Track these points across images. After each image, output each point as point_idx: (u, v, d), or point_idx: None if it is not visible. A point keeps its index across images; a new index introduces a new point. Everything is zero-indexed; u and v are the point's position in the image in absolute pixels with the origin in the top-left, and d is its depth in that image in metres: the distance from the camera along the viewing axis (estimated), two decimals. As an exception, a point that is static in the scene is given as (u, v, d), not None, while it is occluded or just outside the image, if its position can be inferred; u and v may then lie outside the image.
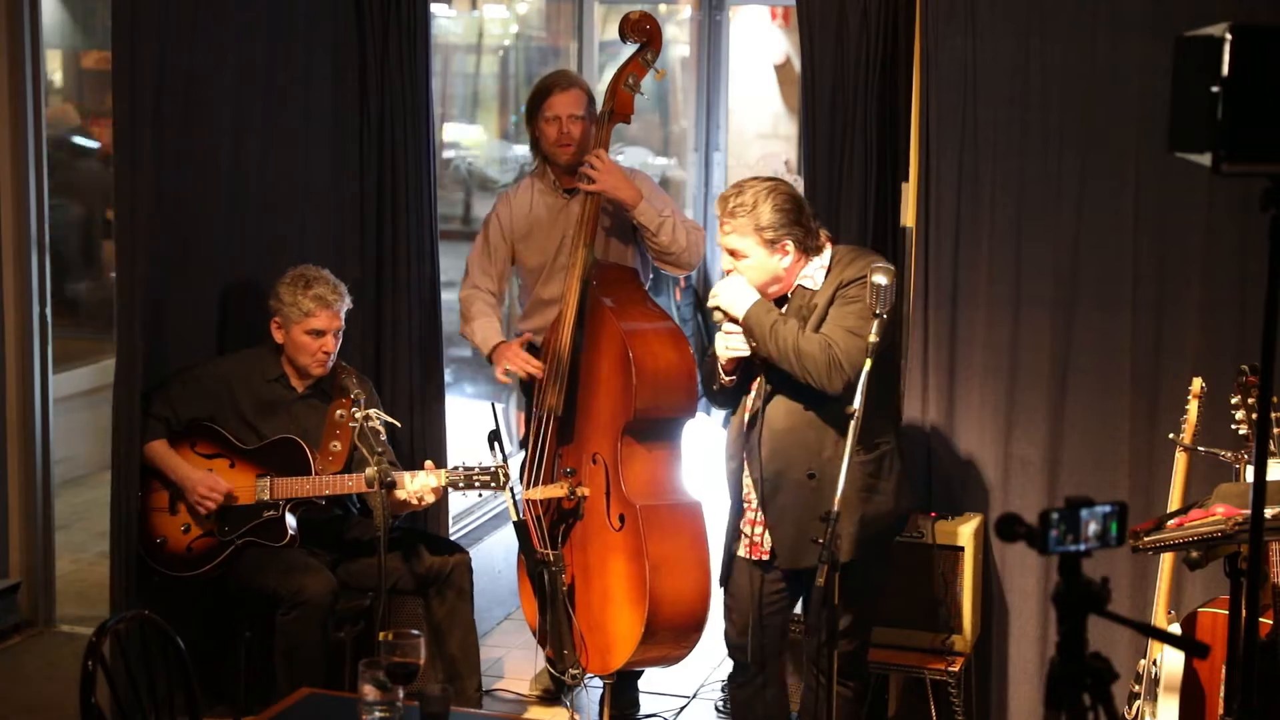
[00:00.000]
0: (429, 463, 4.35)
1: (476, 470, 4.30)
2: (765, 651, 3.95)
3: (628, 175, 4.64)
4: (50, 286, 5.24)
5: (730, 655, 4.06)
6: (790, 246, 3.72)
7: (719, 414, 7.04)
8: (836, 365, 3.64)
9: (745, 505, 3.90)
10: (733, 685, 4.10)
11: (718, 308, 3.78)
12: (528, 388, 4.77)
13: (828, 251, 3.79)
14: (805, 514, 3.73)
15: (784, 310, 3.76)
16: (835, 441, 3.70)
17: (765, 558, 3.87)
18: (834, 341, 3.66)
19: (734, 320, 3.76)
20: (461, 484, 4.31)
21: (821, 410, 3.74)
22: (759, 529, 3.87)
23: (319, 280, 4.38)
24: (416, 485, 4.23)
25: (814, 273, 3.77)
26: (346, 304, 4.42)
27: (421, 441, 4.96)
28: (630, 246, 4.74)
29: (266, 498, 4.32)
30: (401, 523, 4.45)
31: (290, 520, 4.35)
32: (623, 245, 4.74)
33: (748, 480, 3.87)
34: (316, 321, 4.34)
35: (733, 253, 3.76)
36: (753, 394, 3.84)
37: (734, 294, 3.76)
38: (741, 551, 3.92)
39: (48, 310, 5.24)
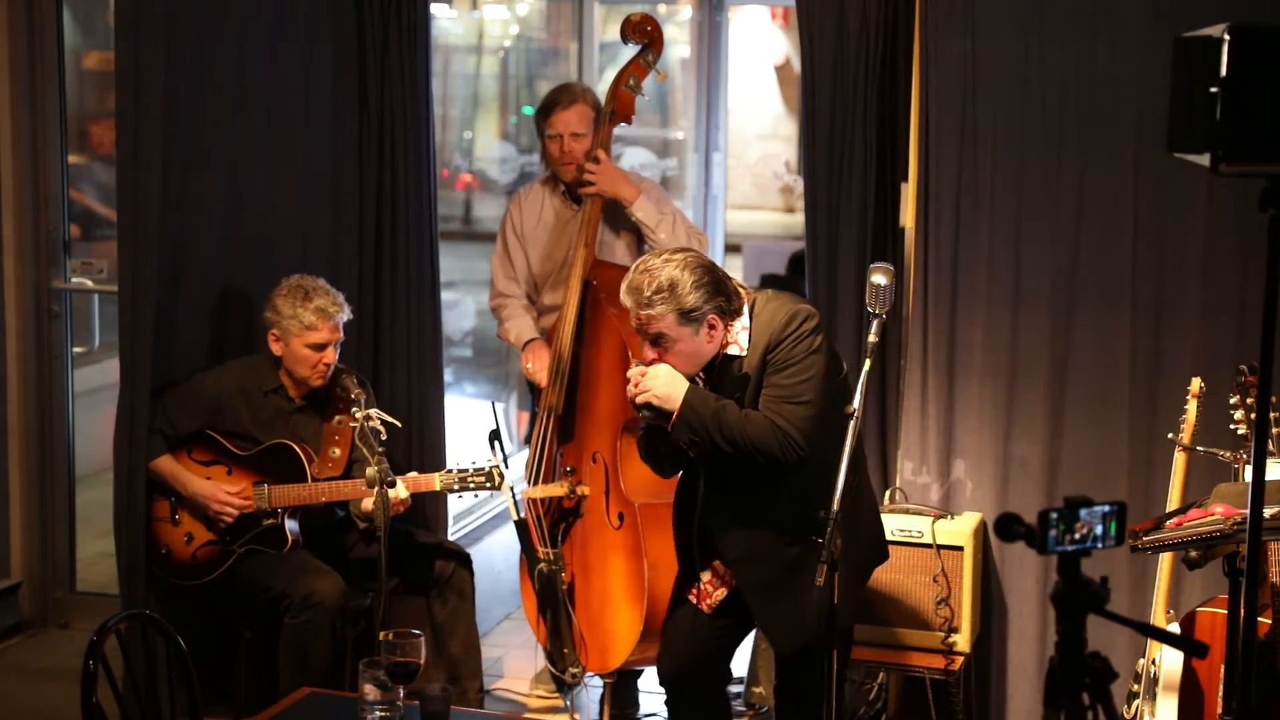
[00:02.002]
0: (413, 474, 4.35)
1: (470, 472, 4.30)
2: (703, 688, 3.78)
3: (629, 175, 4.66)
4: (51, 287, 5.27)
5: (662, 684, 3.86)
6: (716, 320, 3.41)
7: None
8: (790, 445, 3.38)
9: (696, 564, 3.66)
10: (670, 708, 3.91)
11: (649, 404, 3.41)
12: (535, 386, 4.78)
13: (745, 307, 3.48)
14: (796, 587, 3.47)
15: (708, 381, 3.46)
16: (794, 504, 3.45)
17: (710, 611, 3.67)
18: (777, 418, 3.38)
19: (662, 415, 3.40)
20: (456, 486, 4.30)
21: (776, 481, 3.48)
22: (711, 586, 3.66)
23: (318, 291, 4.34)
24: (403, 491, 4.22)
25: (737, 336, 3.46)
26: (346, 314, 4.40)
27: (421, 441, 4.96)
28: (632, 247, 4.75)
29: (265, 506, 4.32)
30: (401, 524, 4.44)
31: (291, 525, 4.35)
32: (624, 246, 4.75)
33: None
34: (318, 335, 4.32)
35: (656, 341, 3.40)
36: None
37: (667, 387, 3.39)
38: (691, 597, 3.70)
39: (54, 308, 5.26)
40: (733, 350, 3.46)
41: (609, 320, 4.48)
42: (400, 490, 4.21)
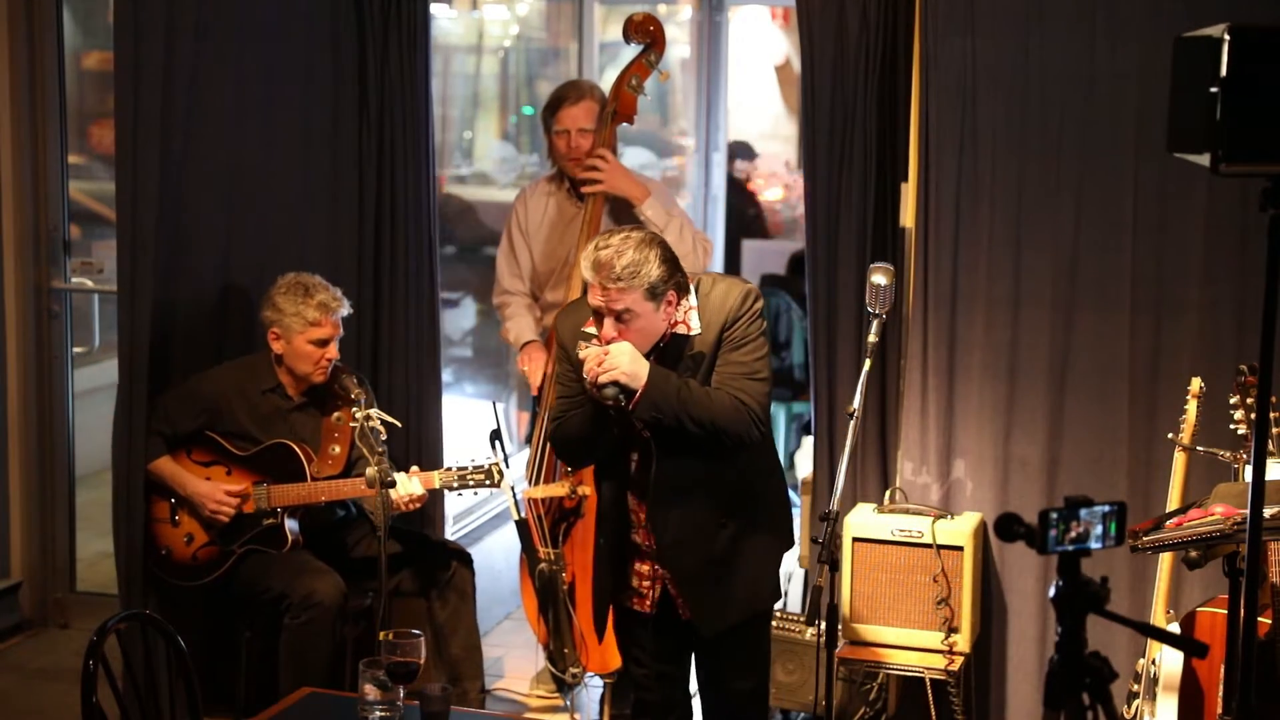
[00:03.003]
0: (415, 468, 4.35)
1: (470, 469, 4.30)
2: (675, 701, 3.76)
3: (634, 175, 4.66)
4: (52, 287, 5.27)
5: (638, 696, 3.79)
6: (674, 296, 3.38)
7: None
8: (753, 420, 3.38)
9: (634, 558, 3.59)
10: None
11: (615, 383, 3.30)
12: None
13: (692, 286, 3.46)
14: (725, 569, 3.49)
15: (657, 361, 3.40)
16: (743, 479, 3.49)
17: (650, 613, 3.62)
18: (740, 393, 3.37)
19: (617, 397, 3.31)
20: (455, 484, 4.30)
21: (718, 464, 3.46)
22: (647, 582, 3.60)
23: (318, 287, 4.34)
24: (403, 490, 4.22)
25: (686, 316, 3.44)
26: (346, 309, 4.40)
27: (420, 442, 4.97)
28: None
29: (265, 506, 4.32)
30: (400, 524, 4.45)
31: (291, 524, 4.35)
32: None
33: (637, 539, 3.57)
34: (321, 331, 4.31)
35: (620, 316, 3.33)
36: (640, 454, 3.49)
37: (633, 364, 3.31)
38: (634, 606, 3.64)
39: (54, 308, 5.27)
40: (682, 330, 3.43)
41: (609, 320, 4.48)
42: (415, 486, 4.22)
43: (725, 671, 3.65)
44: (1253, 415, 3.13)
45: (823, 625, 3.63)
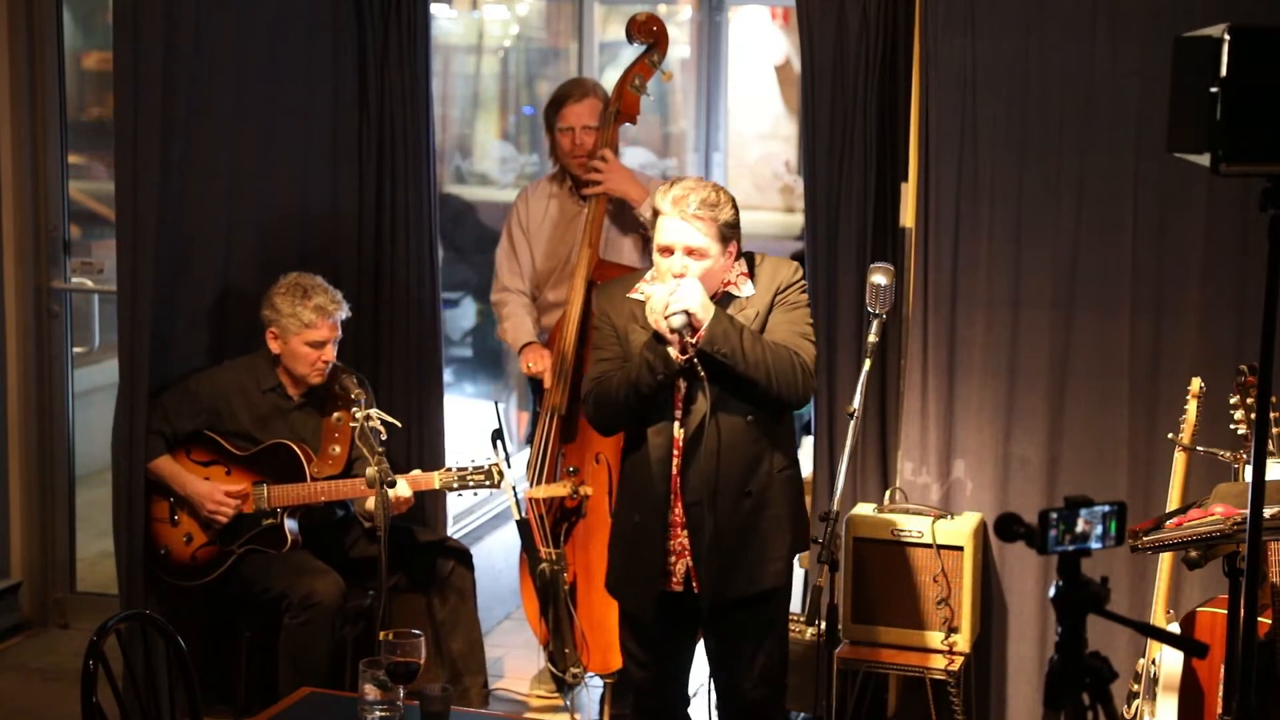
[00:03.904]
0: (417, 471, 4.35)
1: (470, 470, 4.29)
2: (671, 696, 3.78)
3: (636, 176, 4.66)
4: (52, 287, 5.27)
5: (636, 705, 3.84)
6: (734, 248, 3.55)
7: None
8: (806, 373, 3.49)
9: (670, 533, 3.59)
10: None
11: (686, 311, 3.38)
12: (537, 386, 4.78)
13: (743, 257, 3.61)
14: (737, 538, 3.54)
15: None
16: (772, 455, 3.56)
17: (678, 590, 3.62)
18: (795, 349, 3.48)
19: (682, 332, 3.39)
20: (456, 485, 4.30)
21: (762, 422, 3.54)
22: (672, 558, 3.61)
23: (317, 289, 4.34)
24: (405, 490, 4.22)
25: (739, 279, 3.58)
26: (345, 312, 4.39)
27: (420, 442, 4.97)
28: (637, 248, 4.75)
29: (264, 506, 4.32)
30: (401, 522, 4.45)
31: (290, 524, 4.35)
32: (629, 246, 4.75)
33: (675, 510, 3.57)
34: (317, 333, 4.31)
35: (691, 252, 3.47)
36: (681, 412, 3.53)
37: (702, 297, 3.42)
38: (673, 586, 3.61)
39: (54, 308, 5.26)
40: (734, 291, 3.57)
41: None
42: (403, 489, 4.21)
43: (731, 654, 3.66)
44: (1253, 415, 3.13)
45: (823, 625, 3.63)
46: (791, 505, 3.63)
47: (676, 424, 3.54)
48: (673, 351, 3.43)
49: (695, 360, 3.44)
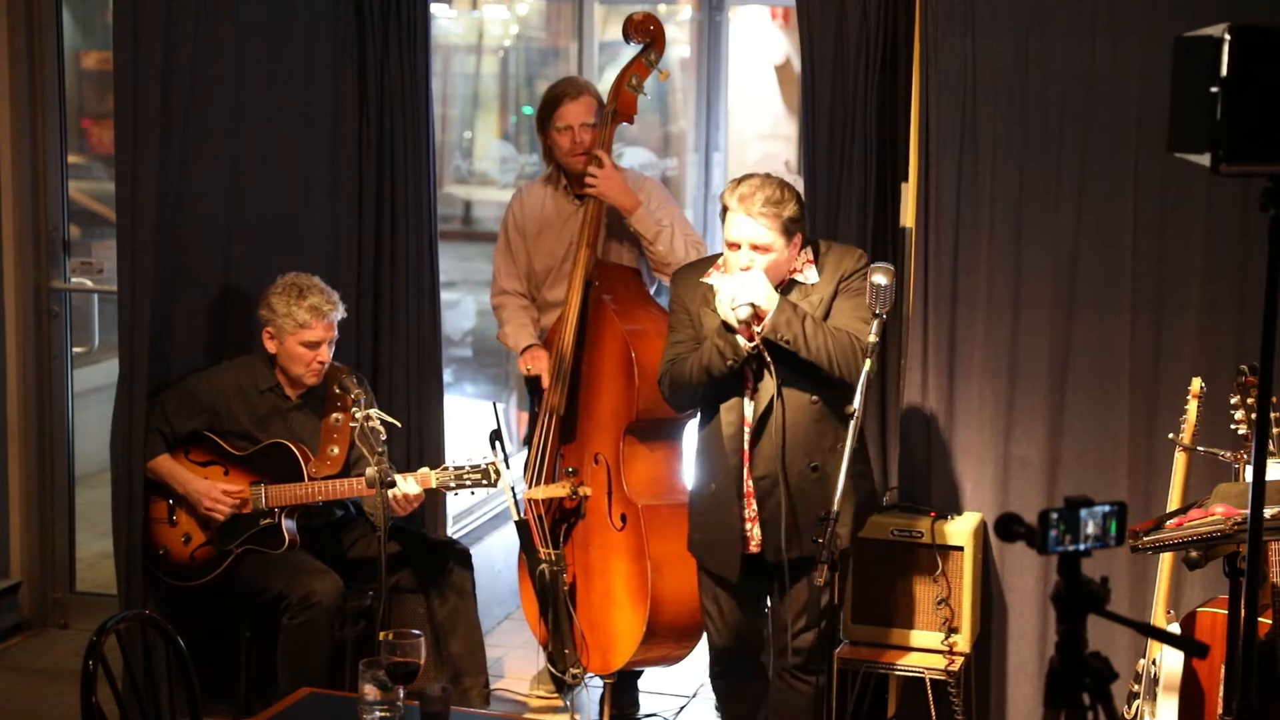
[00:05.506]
0: (424, 469, 4.35)
1: (467, 469, 4.28)
2: (751, 646, 4.03)
3: (631, 181, 4.64)
4: (51, 287, 5.27)
5: (717, 658, 4.05)
6: (799, 240, 3.76)
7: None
8: (864, 356, 3.63)
9: (745, 502, 3.84)
10: (718, 677, 4.12)
11: (752, 303, 3.62)
12: (534, 387, 4.78)
13: (809, 245, 3.84)
14: (802, 507, 3.76)
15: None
16: (836, 430, 3.74)
17: (756, 551, 3.87)
18: (856, 334, 3.69)
19: (749, 322, 3.63)
20: (453, 484, 4.29)
21: (828, 401, 3.76)
22: (749, 524, 3.86)
23: (312, 290, 4.34)
24: (400, 489, 4.21)
25: (804, 266, 3.80)
26: (340, 313, 4.39)
27: (420, 442, 4.96)
28: (634, 248, 4.74)
29: (262, 506, 4.31)
30: (399, 523, 4.44)
31: (289, 524, 4.35)
32: (626, 246, 4.74)
33: (747, 481, 3.82)
34: (311, 333, 4.31)
35: (757, 247, 3.69)
36: (751, 391, 3.78)
37: (766, 288, 3.66)
38: (752, 549, 3.87)
39: (53, 308, 5.26)
40: (799, 279, 3.78)
41: (611, 321, 4.48)
42: (411, 487, 4.21)
43: (790, 601, 3.85)
44: (1253, 415, 3.13)
45: (823, 625, 3.63)
46: (857, 476, 3.79)
47: (747, 400, 3.79)
48: (741, 339, 3.68)
49: (761, 346, 3.67)
